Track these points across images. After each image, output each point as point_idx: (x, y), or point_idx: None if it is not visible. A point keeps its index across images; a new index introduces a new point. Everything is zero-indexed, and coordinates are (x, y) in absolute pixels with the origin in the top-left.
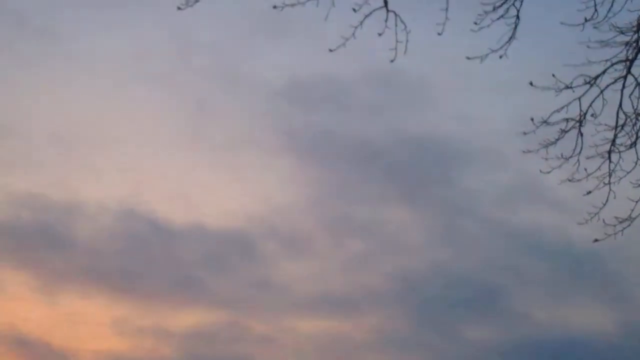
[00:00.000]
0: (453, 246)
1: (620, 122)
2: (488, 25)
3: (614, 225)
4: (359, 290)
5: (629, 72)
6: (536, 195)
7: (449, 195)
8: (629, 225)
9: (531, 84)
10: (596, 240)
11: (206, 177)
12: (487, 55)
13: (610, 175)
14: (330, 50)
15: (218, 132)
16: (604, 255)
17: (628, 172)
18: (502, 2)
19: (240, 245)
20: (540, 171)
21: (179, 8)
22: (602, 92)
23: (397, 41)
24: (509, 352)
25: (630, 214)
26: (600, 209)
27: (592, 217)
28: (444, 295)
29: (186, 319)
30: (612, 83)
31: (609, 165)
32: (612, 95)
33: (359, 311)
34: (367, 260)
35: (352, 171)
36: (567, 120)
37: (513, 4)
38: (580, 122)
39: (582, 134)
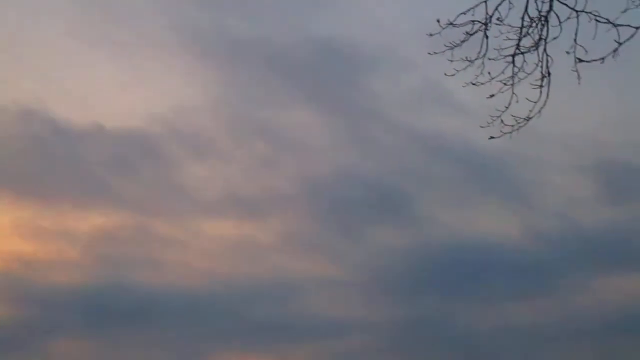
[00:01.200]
0: (358, 149)
1: (526, 25)
2: None
3: (512, 125)
4: (264, 193)
5: None
6: (441, 99)
7: (355, 98)
8: (525, 124)
9: None
10: (492, 137)
11: (106, 78)
12: None
13: (513, 78)
14: None
15: (119, 31)
16: (506, 159)
17: (528, 74)
18: None
19: (143, 146)
20: (445, 74)
21: None
22: None
23: None
24: (415, 254)
25: (528, 114)
26: (503, 112)
27: (494, 120)
28: (349, 198)
29: (91, 220)
30: None
31: (513, 69)
32: None
33: (265, 213)
34: (272, 163)
35: (255, 72)
36: (473, 22)
37: None
38: (486, 25)
39: (487, 37)
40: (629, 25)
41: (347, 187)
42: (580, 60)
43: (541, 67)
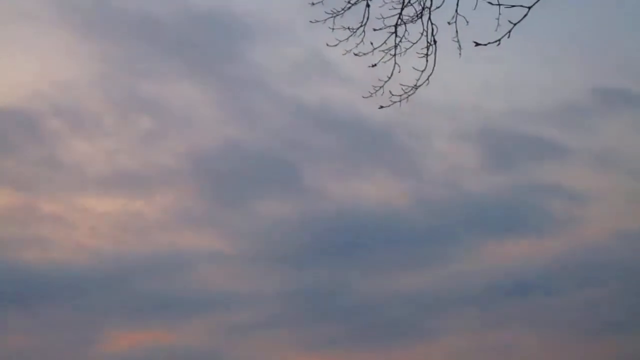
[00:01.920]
0: (244, 122)
1: None
2: None
3: (400, 95)
4: (151, 169)
5: None
6: (325, 69)
7: (237, 70)
8: (414, 92)
9: None
10: (381, 107)
11: None
12: None
13: (396, 48)
14: None
15: None
16: (393, 129)
17: (413, 44)
18: None
19: (22, 123)
20: (327, 44)
21: None
22: None
23: None
24: (305, 226)
25: (415, 83)
26: (386, 82)
27: (377, 90)
28: (236, 172)
29: None
30: None
31: (395, 39)
32: None
33: (153, 189)
34: (158, 138)
35: (136, 46)
36: None
37: None
38: None
39: (369, 6)
40: (520, 6)
41: (234, 161)
42: (477, 44)
43: (426, 35)
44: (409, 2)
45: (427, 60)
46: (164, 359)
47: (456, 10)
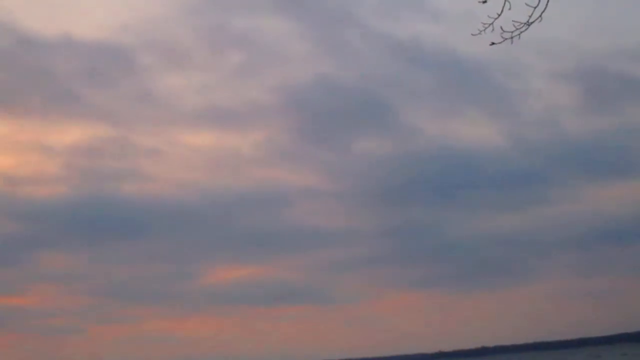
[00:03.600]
0: (337, 58)
1: None
2: None
3: (511, 32)
4: (244, 104)
5: None
6: (417, 5)
7: (329, 5)
8: (526, 29)
9: None
10: (492, 43)
11: None
12: None
13: None
14: None
15: None
16: (488, 68)
17: None
18: None
19: (117, 57)
20: None
21: None
22: None
23: None
24: (400, 165)
25: (528, 20)
26: (495, 19)
27: (486, 27)
28: (330, 108)
29: (68, 134)
30: None
31: None
32: None
33: (246, 124)
34: (250, 73)
35: None
36: None
37: None
38: None
39: None
40: None
41: (327, 97)
42: None
43: None
44: None
45: None
46: (262, 292)
47: None
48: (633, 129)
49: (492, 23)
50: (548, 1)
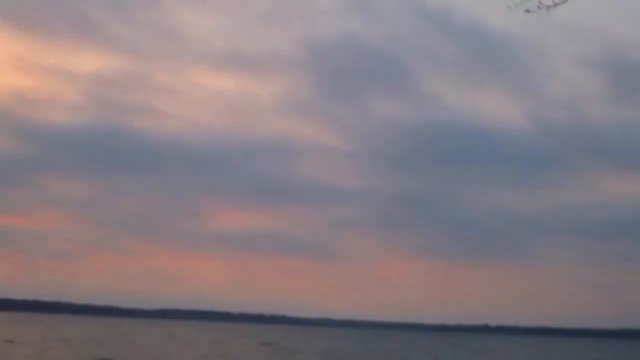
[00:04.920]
0: (364, 16)
1: None
2: None
3: (549, 6)
4: (266, 51)
5: None
6: None
7: None
8: (564, 2)
9: None
10: (527, 11)
11: None
12: None
13: None
14: None
15: None
16: (517, 44)
17: None
18: None
19: None
20: None
21: None
22: None
23: None
24: (419, 131)
25: None
26: None
27: (522, 1)
28: (353, 67)
29: (89, 62)
30: None
31: None
32: None
33: (266, 72)
34: (275, 21)
35: None
36: None
37: None
38: None
39: None
40: None
41: (351, 55)
42: None
43: None
44: None
45: None
46: (265, 241)
47: None
48: None
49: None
50: None
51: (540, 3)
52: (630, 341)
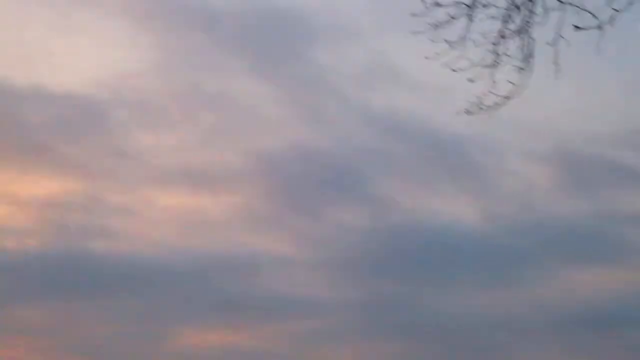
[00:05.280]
0: (311, 125)
1: (511, 10)
2: None
3: (490, 106)
4: (216, 165)
5: None
6: (394, 76)
7: (302, 70)
8: (505, 104)
9: None
10: (469, 112)
11: (42, 37)
12: None
13: (495, 64)
14: None
15: None
16: (466, 144)
17: (511, 57)
18: None
19: (90, 111)
20: (426, 57)
21: None
22: None
23: None
24: (375, 236)
25: (508, 94)
26: (482, 98)
27: (473, 105)
28: (304, 175)
29: (39, 187)
30: None
31: (495, 55)
32: None
33: (218, 187)
34: (224, 135)
35: (199, 40)
36: (457, 2)
37: None
38: (471, 8)
39: (471, 20)
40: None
41: (302, 164)
42: (578, 28)
43: (523, 49)
44: (510, 18)
45: (521, 75)
46: (232, 358)
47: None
48: (608, 215)
49: (479, 102)
50: (530, 79)
51: (483, 104)
52: None
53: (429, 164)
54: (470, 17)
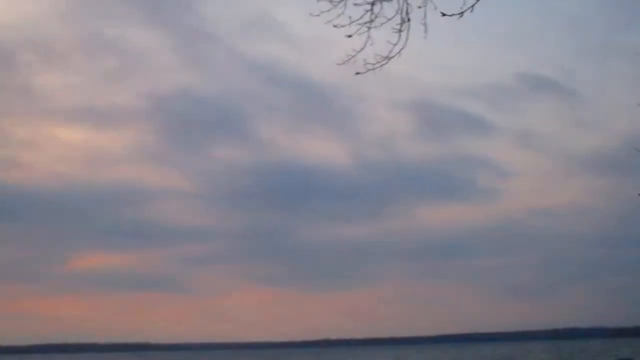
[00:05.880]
0: (199, 71)
1: None
2: None
3: (374, 64)
4: (114, 106)
5: None
6: (276, 29)
7: (193, 22)
8: (386, 63)
9: None
10: (357, 73)
11: None
12: None
13: (371, 22)
14: None
15: None
16: (340, 94)
17: (389, 19)
18: None
19: None
20: (310, 14)
21: None
22: None
23: None
24: (255, 173)
25: (388, 54)
26: (359, 52)
27: (350, 58)
28: (193, 116)
29: None
30: None
31: (371, 15)
32: None
33: (116, 125)
34: (121, 77)
35: None
36: None
37: None
38: None
39: None
40: None
41: (191, 106)
42: (444, 14)
43: (401, 13)
44: None
45: (399, 36)
46: (125, 279)
47: None
48: (459, 158)
49: (355, 55)
50: (407, 39)
51: (366, 63)
52: (442, 344)
53: (305, 110)
54: None
